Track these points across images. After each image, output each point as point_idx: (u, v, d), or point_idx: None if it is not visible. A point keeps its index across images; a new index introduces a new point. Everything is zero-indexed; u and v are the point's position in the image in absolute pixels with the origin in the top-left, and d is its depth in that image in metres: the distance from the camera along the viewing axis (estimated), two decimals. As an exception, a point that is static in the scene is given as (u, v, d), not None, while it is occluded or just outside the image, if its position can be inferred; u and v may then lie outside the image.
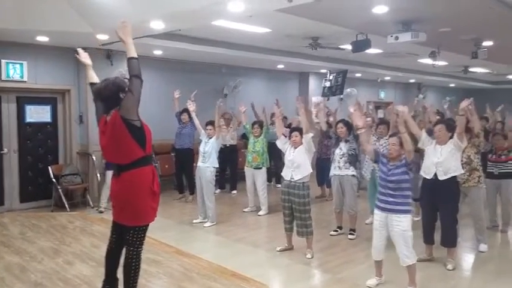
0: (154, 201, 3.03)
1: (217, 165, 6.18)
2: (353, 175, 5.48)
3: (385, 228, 3.82)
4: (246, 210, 6.98)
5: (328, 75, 11.35)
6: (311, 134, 4.78)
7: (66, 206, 6.90)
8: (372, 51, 8.08)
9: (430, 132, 4.65)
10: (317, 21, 5.56)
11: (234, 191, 8.50)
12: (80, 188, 7.31)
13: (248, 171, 6.87)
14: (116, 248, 3.18)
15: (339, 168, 5.50)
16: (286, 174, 4.81)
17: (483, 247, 4.99)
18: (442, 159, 4.33)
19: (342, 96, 12.38)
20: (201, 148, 6.15)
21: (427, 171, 4.45)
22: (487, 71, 12.98)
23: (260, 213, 6.79)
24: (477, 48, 6.37)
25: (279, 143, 5.02)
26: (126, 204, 2.94)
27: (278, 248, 5.01)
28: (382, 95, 15.27)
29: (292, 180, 4.73)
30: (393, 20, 5.28)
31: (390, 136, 3.98)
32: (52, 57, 7.21)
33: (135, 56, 2.89)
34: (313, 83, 12.05)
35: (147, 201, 2.97)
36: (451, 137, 4.35)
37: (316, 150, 6.55)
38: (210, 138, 6.10)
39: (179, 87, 8.66)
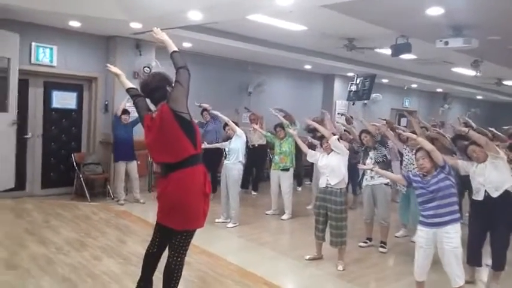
0: (206, 204, 2.79)
1: (243, 162, 6.03)
2: (387, 183, 5.23)
3: (432, 246, 3.58)
4: (268, 212, 6.77)
5: (355, 79, 11.09)
6: (335, 137, 4.58)
7: (87, 195, 6.78)
8: (406, 56, 7.80)
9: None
10: (359, 20, 5.30)
11: (255, 192, 8.29)
12: (101, 178, 7.18)
13: (274, 173, 6.65)
14: (157, 251, 2.95)
15: (372, 178, 5.25)
16: (322, 181, 4.61)
17: None
18: (487, 175, 4.08)
19: (366, 101, 12.20)
20: (226, 147, 6.04)
21: (476, 193, 4.19)
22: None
23: (284, 217, 6.56)
24: (525, 59, 6.08)
25: (309, 158, 4.92)
26: (176, 206, 2.69)
27: (307, 257, 4.79)
28: (407, 102, 14.94)
29: (329, 186, 4.52)
30: (442, 24, 5.01)
31: (416, 152, 3.73)
32: (82, 44, 7.08)
33: (177, 49, 2.76)
34: (338, 86, 11.79)
35: (200, 204, 2.73)
36: None
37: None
38: (231, 138, 5.99)
39: (205, 82, 8.55)
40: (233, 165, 5.88)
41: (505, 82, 11.56)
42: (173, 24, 5.43)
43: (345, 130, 6.90)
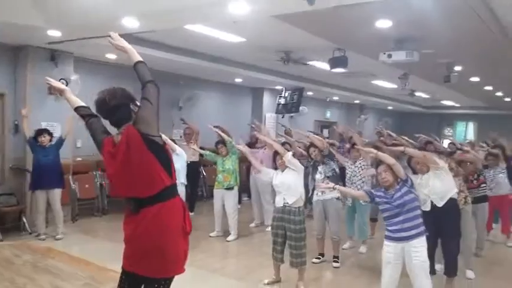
0: (186, 243, 2.32)
1: (185, 183, 5.59)
2: (337, 198, 5.15)
3: (400, 260, 3.50)
4: (212, 235, 6.34)
5: (283, 92, 11.17)
6: (289, 153, 4.40)
7: (-2, 232, 5.74)
8: (337, 69, 7.98)
9: None
10: (301, 31, 5.17)
11: (191, 213, 7.78)
12: (15, 210, 6.15)
13: (218, 192, 6.25)
14: None
15: (322, 193, 5.13)
16: (279, 200, 4.36)
17: (470, 274, 4.88)
18: (431, 186, 4.18)
19: (292, 114, 12.37)
20: None
21: (423, 204, 4.24)
22: (427, 96, 13.67)
23: (229, 238, 6.19)
24: (449, 72, 6.49)
25: (264, 176, 4.66)
26: (151, 250, 2.20)
27: (266, 281, 4.48)
28: (328, 114, 15.48)
29: (287, 204, 4.28)
30: (384, 38, 5.11)
31: (377, 166, 3.70)
32: (-17, 55, 6.09)
33: (141, 59, 2.30)
34: (267, 100, 11.76)
35: (180, 245, 2.26)
36: None
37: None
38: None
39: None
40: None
41: (417, 93, 12.47)
42: (102, 32, 4.81)
43: (285, 142, 6.76)
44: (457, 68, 6.43)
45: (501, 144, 7.38)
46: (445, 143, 11.42)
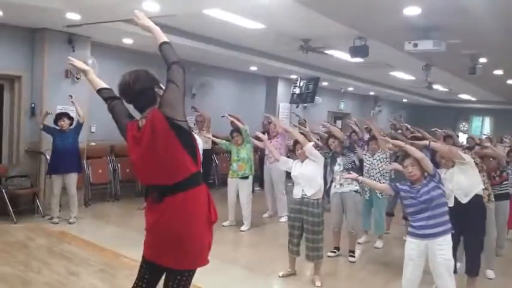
0: (211, 234, 2.23)
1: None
2: (356, 191, 5.04)
3: (423, 258, 3.40)
4: (225, 224, 6.27)
5: (298, 82, 10.99)
6: (311, 143, 4.28)
7: (13, 215, 5.73)
8: (355, 59, 7.80)
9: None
10: (322, 16, 4.99)
11: None
12: (29, 193, 6.15)
13: (232, 181, 6.18)
14: None
15: (341, 185, 5.03)
16: (297, 192, 4.26)
17: (491, 273, 4.76)
18: (455, 181, 4.04)
19: (305, 105, 12.22)
20: None
21: (448, 200, 4.12)
22: (444, 89, 13.39)
23: (243, 228, 6.13)
24: (474, 64, 6.28)
25: (282, 165, 4.53)
26: (174, 240, 2.10)
27: (281, 273, 4.41)
28: (342, 105, 15.28)
29: (305, 196, 4.18)
30: (411, 26, 4.93)
31: (403, 159, 3.55)
32: (3, 37, 6.03)
33: (167, 40, 2.19)
34: (281, 89, 11.61)
35: (204, 236, 2.17)
36: None
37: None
38: None
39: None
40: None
41: (434, 86, 12.19)
42: (122, 16, 4.73)
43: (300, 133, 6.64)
44: (482, 60, 6.22)
45: None
46: (462, 138, 11.22)
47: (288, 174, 7.11)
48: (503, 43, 5.75)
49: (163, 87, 2.12)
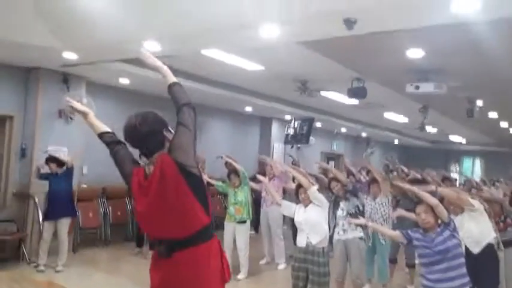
0: None
1: None
2: (360, 237, 4.83)
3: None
4: (221, 271, 5.95)
5: (292, 122, 10.99)
6: (315, 187, 4.12)
7: (-5, 261, 5.39)
8: (350, 100, 7.84)
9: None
10: (323, 58, 5.00)
11: (150, 252, 7.19)
12: (14, 239, 5.80)
13: (229, 226, 5.92)
14: None
15: (344, 232, 4.82)
16: (301, 239, 4.05)
17: None
18: (465, 228, 3.88)
19: (299, 146, 12.18)
20: None
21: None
22: (436, 131, 13.50)
23: (240, 276, 5.80)
24: (471, 106, 6.32)
25: (284, 211, 4.36)
26: None
27: (284, 327, 4.12)
28: (335, 146, 15.28)
29: (310, 244, 3.97)
30: (411, 69, 4.95)
31: (416, 205, 3.40)
32: (-5, 76, 5.91)
33: (177, 80, 2.08)
34: (275, 129, 11.59)
35: None
36: None
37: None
38: None
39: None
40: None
41: (426, 128, 12.28)
42: (121, 56, 4.66)
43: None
44: (479, 103, 6.28)
45: None
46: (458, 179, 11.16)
47: (285, 218, 6.98)
48: (500, 85, 5.80)
49: (172, 131, 1.98)
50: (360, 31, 2.95)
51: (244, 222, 5.86)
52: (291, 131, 11.05)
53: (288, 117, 10.95)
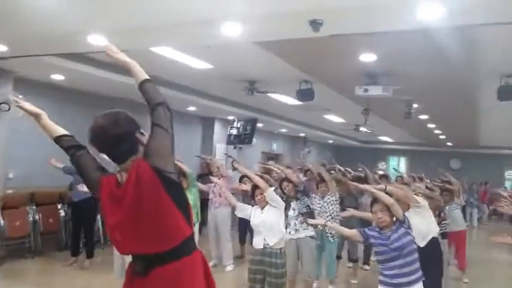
0: None
1: None
2: (311, 236, 4.88)
3: (397, 308, 3.26)
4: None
5: (235, 123, 10.95)
6: (272, 188, 4.10)
7: None
8: (294, 101, 7.95)
9: None
10: (275, 56, 4.96)
11: (87, 262, 6.09)
12: None
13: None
14: None
15: (296, 231, 4.83)
16: (258, 241, 3.98)
17: None
18: (413, 225, 4.08)
19: (241, 146, 12.15)
20: None
21: None
22: (369, 131, 14.20)
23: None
24: (409, 109, 6.68)
25: (239, 213, 4.26)
26: None
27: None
28: (275, 146, 15.48)
29: (268, 246, 3.91)
30: (361, 72, 5.09)
31: (372, 204, 3.50)
32: None
33: (149, 77, 1.87)
34: (218, 130, 11.44)
35: None
36: None
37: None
38: None
39: (75, 124, 7.10)
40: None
41: (361, 128, 12.86)
42: (56, 50, 4.26)
43: (242, 176, 6.42)
44: (415, 105, 6.68)
45: (450, 180, 7.67)
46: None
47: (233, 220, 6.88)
48: (434, 90, 6.18)
49: (145, 133, 1.79)
50: (324, 33, 2.93)
51: (194, 225, 5.66)
52: (234, 131, 11.01)
53: (230, 117, 10.87)
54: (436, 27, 2.86)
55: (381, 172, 9.36)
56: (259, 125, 12.27)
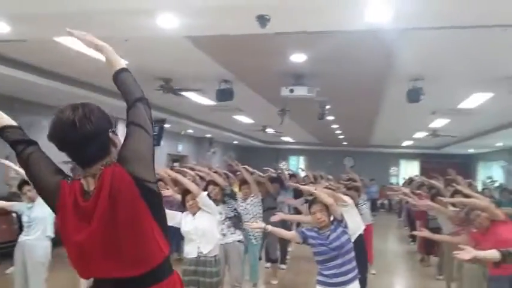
0: None
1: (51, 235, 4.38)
2: (239, 240, 4.77)
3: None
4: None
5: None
6: (205, 193, 3.91)
7: None
8: (209, 101, 7.77)
9: None
10: (207, 57, 4.73)
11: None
12: None
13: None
14: None
15: (224, 236, 4.67)
16: (191, 250, 3.73)
17: None
18: None
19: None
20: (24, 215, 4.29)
21: None
22: (274, 132, 14.57)
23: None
24: (323, 110, 6.92)
25: (169, 221, 3.93)
26: None
27: None
28: (180, 148, 15.04)
29: (202, 255, 3.68)
30: (286, 73, 5.09)
31: (311, 204, 3.54)
32: None
33: (125, 66, 1.61)
34: (121, 131, 10.59)
35: None
36: None
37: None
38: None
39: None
40: (37, 242, 4.15)
41: (267, 130, 13.15)
42: None
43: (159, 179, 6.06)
44: (328, 107, 6.96)
45: (354, 177, 8.20)
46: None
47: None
48: (344, 90, 6.50)
49: (117, 133, 1.50)
50: (270, 30, 2.82)
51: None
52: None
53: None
54: (384, 29, 2.96)
55: (289, 172, 9.70)
56: (166, 125, 11.79)
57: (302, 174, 10.12)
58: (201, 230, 3.71)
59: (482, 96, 6.49)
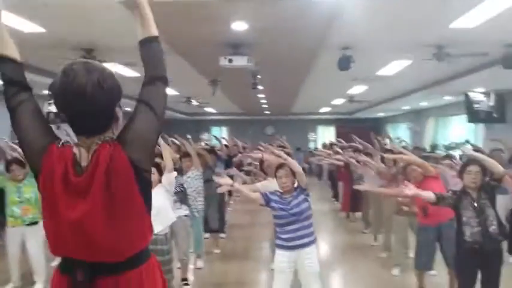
0: None
1: None
2: (186, 215, 4.72)
3: (293, 269, 3.47)
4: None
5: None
6: (174, 174, 3.77)
7: None
8: (133, 73, 7.35)
9: None
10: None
11: None
12: None
13: (15, 231, 4.66)
14: None
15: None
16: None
17: None
18: None
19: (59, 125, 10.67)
20: None
21: None
22: (197, 103, 14.29)
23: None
24: (255, 80, 6.90)
25: None
26: None
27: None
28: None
29: (154, 234, 3.54)
30: (226, 42, 4.94)
31: (277, 169, 3.59)
32: None
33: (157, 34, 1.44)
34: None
35: None
36: None
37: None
38: None
39: None
40: None
41: (192, 101, 12.87)
42: None
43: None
44: (259, 77, 6.97)
45: (285, 145, 8.46)
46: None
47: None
48: (276, 59, 6.54)
49: (122, 108, 1.39)
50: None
51: (36, 223, 4.72)
52: (53, 108, 9.49)
53: (46, 92, 9.31)
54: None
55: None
56: (82, 100, 10.98)
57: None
58: (156, 207, 3.54)
59: (399, 64, 6.96)
